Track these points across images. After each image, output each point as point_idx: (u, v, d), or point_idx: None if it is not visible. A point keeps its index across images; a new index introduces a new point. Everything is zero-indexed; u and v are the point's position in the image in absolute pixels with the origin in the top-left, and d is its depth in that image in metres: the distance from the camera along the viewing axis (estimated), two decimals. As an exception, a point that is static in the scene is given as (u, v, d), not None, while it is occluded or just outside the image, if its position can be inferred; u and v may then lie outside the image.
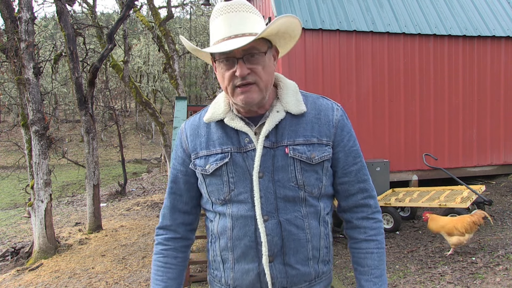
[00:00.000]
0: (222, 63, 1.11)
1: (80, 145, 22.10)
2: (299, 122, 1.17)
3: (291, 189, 1.14)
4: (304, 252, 1.16)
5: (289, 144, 1.14)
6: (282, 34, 1.15)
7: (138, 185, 13.94)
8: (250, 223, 1.14)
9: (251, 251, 1.16)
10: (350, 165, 1.21)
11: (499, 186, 6.71)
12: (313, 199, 1.17)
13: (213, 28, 1.13)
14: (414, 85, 6.62)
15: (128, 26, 13.87)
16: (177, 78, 11.74)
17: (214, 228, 1.22)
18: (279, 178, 1.13)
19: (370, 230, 1.22)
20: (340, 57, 6.32)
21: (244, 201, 1.15)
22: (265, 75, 1.11)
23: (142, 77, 27.30)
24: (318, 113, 1.19)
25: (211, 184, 1.19)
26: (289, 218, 1.14)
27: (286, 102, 1.17)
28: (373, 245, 1.21)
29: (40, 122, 5.94)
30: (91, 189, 7.34)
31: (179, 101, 5.41)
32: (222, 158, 1.16)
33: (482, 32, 6.80)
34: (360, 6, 6.62)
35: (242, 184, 1.15)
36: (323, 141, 1.17)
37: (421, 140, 6.65)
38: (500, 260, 3.76)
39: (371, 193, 1.24)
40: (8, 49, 6.00)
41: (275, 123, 1.15)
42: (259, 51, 1.10)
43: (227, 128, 1.18)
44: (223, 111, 1.19)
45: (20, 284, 5.01)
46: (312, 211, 1.17)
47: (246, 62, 1.08)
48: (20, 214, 10.21)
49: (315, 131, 1.17)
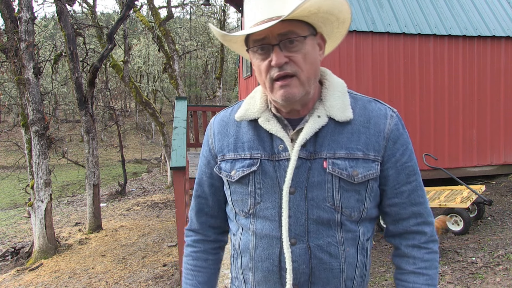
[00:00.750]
0: (256, 53, 0.96)
1: (80, 145, 22.11)
2: (343, 131, 0.98)
3: (326, 210, 0.96)
4: (335, 283, 0.99)
5: (329, 157, 0.96)
6: (326, 16, 0.97)
7: (138, 185, 13.94)
8: (275, 245, 0.98)
9: (273, 276, 1.00)
10: (402, 184, 1.01)
11: (499, 186, 6.71)
12: (352, 223, 0.99)
13: (248, 9, 0.97)
14: (414, 85, 6.62)
15: (128, 26, 13.87)
16: (177, 78, 11.74)
17: (236, 244, 1.08)
18: (313, 196, 0.96)
19: (420, 262, 1.03)
20: (340, 57, 6.32)
21: (270, 218, 0.99)
22: (306, 65, 0.94)
23: (142, 77, 27.31)
24: (367, 121, 1.00)
25: (235, 193, 1.04)
26: (320, 244, 0.97)
27: (330, 106, 0.99)
28: (422, 280, 1.02)
29: (40, 122, 5.94)
30: (91, 189, 7.34)
31: (179, 101, 5.41)
32: (250, 165, 1.00)
33: (482, 32, 6.80)
34: (360, 6, 6.62)
35: (270, 198, 0.99)
36: (370, 156, 0.98)
37: (421, 140, 6.65)
38: (500, 260, 3.76)
39: (427, 218, 1.04)
40: (8, 49, 6.00)
41: (314, 130, 0.97)
42: (298, 35, 0.93)
43: (261, 129, 1.02)
44: (259, 109, 1.03)
45: (20, 284, 5.01)
46: (349, 237, 0.99)
47: (284, 49, 0.92)
48: (20, 214, 10.21)
49: (361, 143, 0.98)
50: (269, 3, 0.93)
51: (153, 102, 24.88)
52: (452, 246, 4.35)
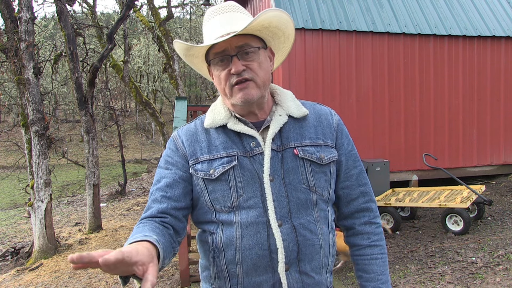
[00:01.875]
0: (217, 65, 1.10)
1: (80, 145, 22.11)
2: (303, 125, 1.15)
3: (303, 191, 1.09)
4: (318, 259, 1.11)
5: (297, 146, 1.11)
6: (275, 31, 1.13)
7: (138, 185, 13.94)
8: (262, 230, 1.06)
9: (263, 260, 1.07)
10: (351, 169, 1.19)
11: (499, 186, 6.71)
12: (323, 202, 1.14)
13: (205, 32, 1.13)
14: (414, 85, 6.62)
15: (128, 26, 13.87)
16: (177, 78, 11.74)
17: (217, 241, 1.10)
18: (290, 180, 1.09)
19: (373, 236, 1.19)
20: (340, 57, 6.32)
21: (254, 206, 1.07)
22: (261, 71, 1.09)
23: (142, 77, 27.31)
24: (318, 117, 1.18)
25: (215, 191, 1.09)
26: (302, 222, 1.08)
27: (287, 107, 1.16)
28: (377, 250, 1.19)
29: (40, 122, 5.94)
30: (91, 189, 7.34)
31: (179, 101, 5.41)
32: (229, 161, 1.09)
33: (482, 32, 6.80)
34: (360, 6, 6.62)
35: (251, 188, 1.08)
36: (329, 143, 1.15)
37: (421, 140, 6.65)
38: (500, 260, 3.76)
39: (371, 196, 1.22)
40: (8, 49, 6.00)
41: (279, 126, 1.12)
42: (252, 46, 1.08)
43: (230, 133, 1.13)
44: (225, 116, 1.14)
45: (20, 284, 5.01)
46: (322, 215, 1.13)
47: (241, 59, 1.07)
48: (20, 214, 10.21)
49: (319, 133, 1.15)
50: (222, 23, 1.09)
51: (153, 102, 24.90)
52: (452, 246, 4.35)
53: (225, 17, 1.10)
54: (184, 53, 1.15)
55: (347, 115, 6.23)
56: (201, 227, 1.17)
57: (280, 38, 1.17)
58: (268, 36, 1.14)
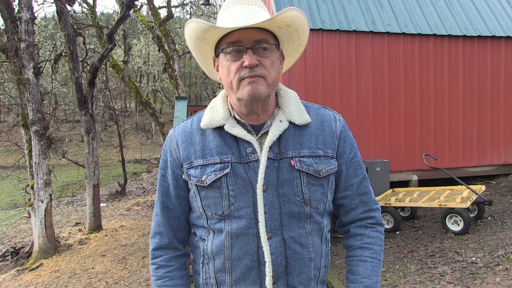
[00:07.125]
0: (229, 54, 1.04)
1: (80, 145, 22.10)
2: (303, 133, 1.10)
3: (297, 204, 1.06)
4: (307, 272, 1.08)
5: (295, 156, 1.06)
6: (293, 32, 1.09)
7: (138, 185, 13.94)
8: (252, 241, 1.04)
9: (252, 272, 1.06)
10: (351, 178, 1.15)
11: (499, 186, 6.71)
12: (318, 215, 1.10)
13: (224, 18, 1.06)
14: (414, 85, 6.61)
15: (128, 26, 13.87)
16: (177, 78, 11.74)
17: (207, 248, 1.10)
18: (284, 192, 1.05)
19: (366, 238, 1.15)
20: (340, 57, 6.32)
21: (245, 216, 1.05)
22: (273, 71, 1.05)
23: (142, 77, 27.31)
24: (321, 124, 1.13)
25: (207, 198, 1.07)
26: (293, 235, 1.06)
27: (289, 112, 1.10)
28: (367, 253, 1.13)
29: (40, 122, 5.94)
30: (91, 189, 7.34)
31: (179, 101, 5.42)
32: (222, 168, 1.05)
33: (482, 32, 6.80)
34: (360, 6, 6.62)
35: (243, 198, 1.05)
36: (329, 153, 1.10)
37: (421, 140, 6.65)
38: (500, 260, 3.76)
39: (372, 206, 1.17)
40: (8, 49, 6.00)
41: (279, 133, 1.07)
42: (270, 43, 1.04)
43: (226, 136, 1.08)
44: (223, 116, 1.09)
45: (20, 284, 5.01)
46: (316, 228, 1.10)
47: (256, 53, 1.02)
48: (20, 214, 10.22)
49: (320, 142, 1.10)
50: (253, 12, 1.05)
51: (153, 102, 24.89)
52: (452, 246, 4.35)
53: (248, 8, 1.06)
54: (197, 35, 1.07)
55: (347, 115, 6.23)
56: (194, 230, 1.18)
57: (295, 42, 1.14)
58: (285, 37, 1.11)
